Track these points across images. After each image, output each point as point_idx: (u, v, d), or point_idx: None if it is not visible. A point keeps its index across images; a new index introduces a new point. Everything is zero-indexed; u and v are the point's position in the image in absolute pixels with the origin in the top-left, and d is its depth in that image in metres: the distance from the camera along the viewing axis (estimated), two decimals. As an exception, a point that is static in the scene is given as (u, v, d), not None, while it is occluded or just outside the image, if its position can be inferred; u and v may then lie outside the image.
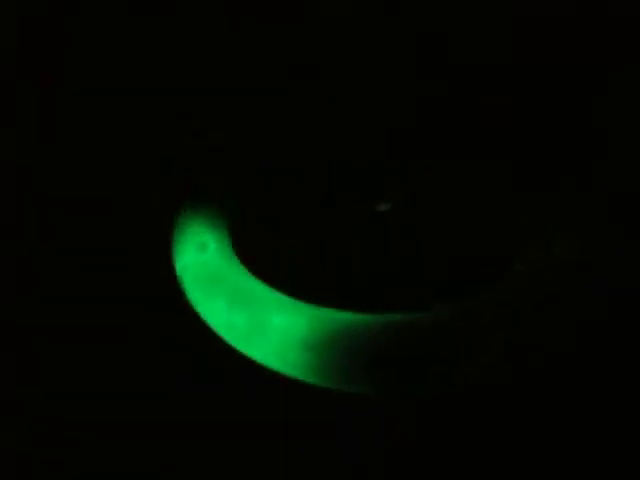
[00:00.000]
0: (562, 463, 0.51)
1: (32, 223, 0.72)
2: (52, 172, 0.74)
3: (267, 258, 0.63)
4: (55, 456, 0.56)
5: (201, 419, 0.56)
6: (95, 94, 0.75)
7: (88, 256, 0.69)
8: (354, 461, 0.53)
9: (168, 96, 0.75)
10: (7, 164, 0.74)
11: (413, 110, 0.72)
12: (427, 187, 0.69)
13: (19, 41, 0.74)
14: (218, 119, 0.75)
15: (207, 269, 0.61)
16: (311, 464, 0.54)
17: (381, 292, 0.60)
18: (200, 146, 0.73)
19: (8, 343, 0.64)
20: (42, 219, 0.72)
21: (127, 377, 0.60)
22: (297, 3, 0.72)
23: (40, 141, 0.75)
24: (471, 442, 0.53)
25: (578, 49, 0.68)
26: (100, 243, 0.70)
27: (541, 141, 0.68)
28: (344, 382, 0.53)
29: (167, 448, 0.56)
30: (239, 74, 0.74)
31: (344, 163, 0.71)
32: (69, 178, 0.74)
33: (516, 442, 0.53)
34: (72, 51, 0.75)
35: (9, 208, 0.72)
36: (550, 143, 0.67)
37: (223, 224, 0.66)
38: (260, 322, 0.56)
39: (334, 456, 0.54)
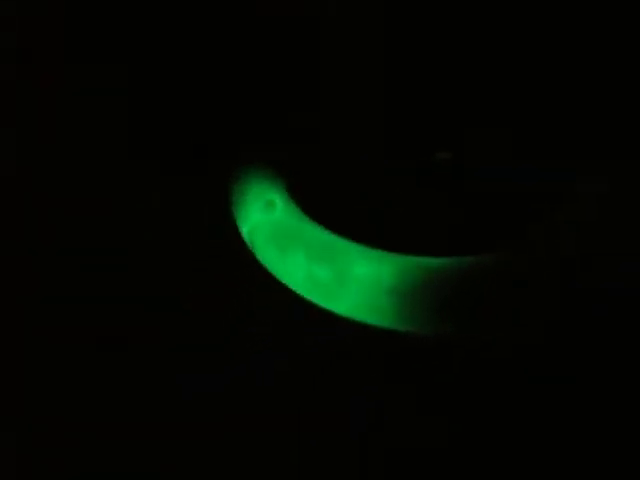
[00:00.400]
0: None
1: (32, 223, 0.71)
2: (52, 172, 0.74)
3: (336, 209, 0.62)
4: (58, 456, 0.57)
5: (287, 380, 0.57)
6: (95, 94, 0.75)
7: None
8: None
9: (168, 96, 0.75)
10: (7, 164, 0.73)
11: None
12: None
13: (19, 41, 0.74)
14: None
15: (278, 227, 0.60)
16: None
17: (453, 235, 0.61)
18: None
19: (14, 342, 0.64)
20: (42, 219, 0.72)
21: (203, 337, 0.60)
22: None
23: (40, 141, 0.74)
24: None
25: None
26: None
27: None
28: (429, 325, 0.54)
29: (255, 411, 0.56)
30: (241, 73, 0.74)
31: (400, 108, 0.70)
32: (69, 178, 0.74)
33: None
34: (72, 51, 0.74)
35: (9, 209, 0.72)
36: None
37: (284, 183, 0.65)
38: (343, 273, 0.56)
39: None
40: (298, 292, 0.58)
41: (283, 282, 0.58)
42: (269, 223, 0.60)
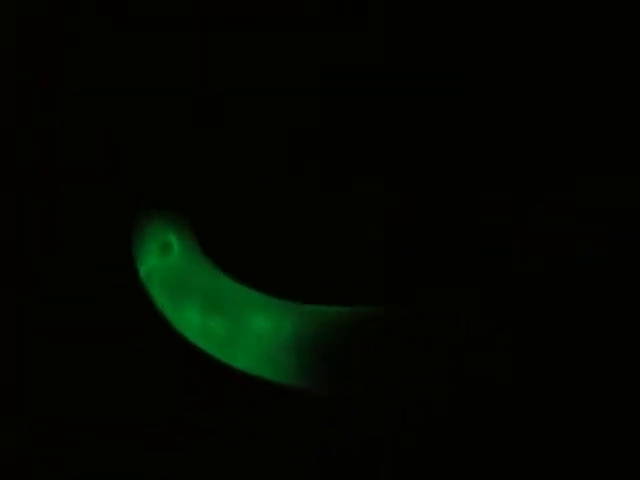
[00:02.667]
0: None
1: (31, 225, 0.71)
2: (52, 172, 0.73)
3: (238, 253, 0.58)
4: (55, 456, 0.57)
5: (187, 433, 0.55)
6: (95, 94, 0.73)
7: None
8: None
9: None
10: (7, 166, 0.73)
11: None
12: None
13: (19, 41, 0.73)
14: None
15: (174, 272, 0.56)
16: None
17: (361, 284, 0.56)
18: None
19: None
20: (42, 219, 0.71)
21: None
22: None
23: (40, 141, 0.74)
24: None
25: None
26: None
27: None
28: (334, 382, 0.50)
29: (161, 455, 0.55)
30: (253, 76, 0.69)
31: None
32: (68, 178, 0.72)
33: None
34: (72, 51, 0.73)
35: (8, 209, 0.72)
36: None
37: (186, 220, 0.61)
38: (240, 326, 0.52)
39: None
40: (194, 343, 0.54)
41: (179, 332, 0.54)
42: (164, 267, 0.56)
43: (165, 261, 0.56)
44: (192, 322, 0.53)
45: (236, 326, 0.51)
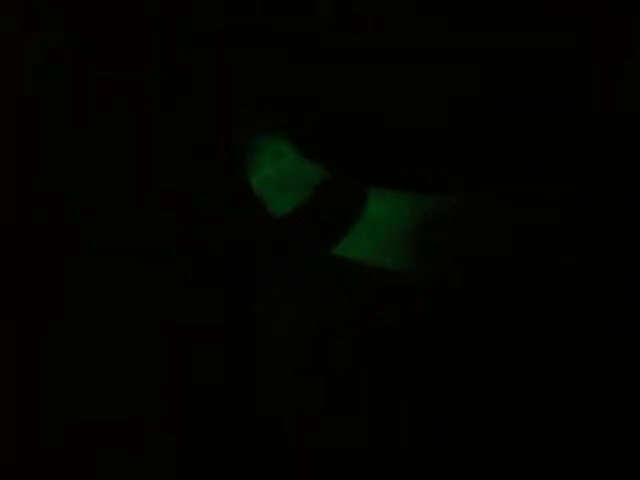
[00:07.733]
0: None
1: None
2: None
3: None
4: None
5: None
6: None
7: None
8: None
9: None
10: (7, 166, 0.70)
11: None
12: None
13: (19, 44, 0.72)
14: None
15: (289, 178, 0.59)
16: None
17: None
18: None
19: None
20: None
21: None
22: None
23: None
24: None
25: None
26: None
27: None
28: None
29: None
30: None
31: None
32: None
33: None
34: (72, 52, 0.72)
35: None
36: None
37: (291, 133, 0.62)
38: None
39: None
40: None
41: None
42: (280, 174, 0.59)
43: (279, 166, 0.59)
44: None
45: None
